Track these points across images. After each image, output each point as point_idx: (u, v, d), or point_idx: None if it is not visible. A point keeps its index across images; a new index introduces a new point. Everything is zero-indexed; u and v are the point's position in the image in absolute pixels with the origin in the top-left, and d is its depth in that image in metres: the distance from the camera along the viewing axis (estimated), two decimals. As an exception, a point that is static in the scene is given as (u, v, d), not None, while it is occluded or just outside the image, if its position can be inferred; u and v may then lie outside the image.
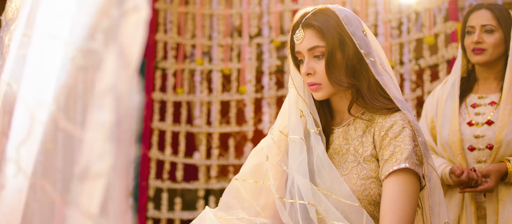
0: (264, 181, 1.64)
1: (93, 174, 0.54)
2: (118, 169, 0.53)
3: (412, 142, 1.42)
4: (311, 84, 1.50)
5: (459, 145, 2.21)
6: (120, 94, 0.54)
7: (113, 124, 0.54)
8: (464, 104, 2.31)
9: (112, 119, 0.54)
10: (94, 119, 0.56)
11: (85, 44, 0.62)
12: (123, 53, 0.56)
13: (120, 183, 0.53)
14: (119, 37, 0.56)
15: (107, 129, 0.55)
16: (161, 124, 4.35)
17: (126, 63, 0.55)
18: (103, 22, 0.59)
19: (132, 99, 0.54)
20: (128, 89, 0.54)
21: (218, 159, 4.25)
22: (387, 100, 1.49)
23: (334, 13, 1.49)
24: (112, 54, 0.56)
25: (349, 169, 1.49)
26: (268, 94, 4.12)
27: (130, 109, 0.54)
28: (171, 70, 4.37)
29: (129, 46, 0.57)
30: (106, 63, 0.56)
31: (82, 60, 0.62)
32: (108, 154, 0.54)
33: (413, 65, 3.57)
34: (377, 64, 1.50)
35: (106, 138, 0.54)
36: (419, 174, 1.42)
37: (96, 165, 0.54)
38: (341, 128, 1.57)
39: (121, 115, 0.54)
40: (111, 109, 0.54)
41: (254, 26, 4.17)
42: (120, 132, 0.54)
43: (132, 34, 0.58)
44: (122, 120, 0.54)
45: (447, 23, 3.35)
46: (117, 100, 0.54)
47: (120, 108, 0.54)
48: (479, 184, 2.11)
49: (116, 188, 0.53)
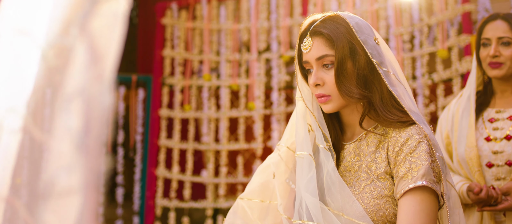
0: (271, 201, 1.56)
1: (60, 191, 0.45)
2: (87, 184, 0.45)
3: (429, 157, 1.32)
4: (319, 95, 1.41)
5: (477, 162, 2.11)
6: (90, 97, 0.46)
7: (81, 131, 0.46)
8: (481, 119, 2.21)
9: (81, 125, 0.46)
10: (61, 126, 0.47)
11: (59, 41, 0.53)
12: (94, 49, 0.47)
13: (89, 201, 0.45)
14: (89, 30, 0.48)
15: (74, 136, 0.46)
16: (168, 142, 4.29)
17: (97, 60, 0.47)
18: (78, 14, 0.51)
19: (104, 103, 0.46)
20: (99, 91, 0.46)
21: (227, 177, 4.17)
22: (402, 113, 1.39)
23: (344, 20, 1.40)
24: (81, 51, 0.47)
25: (361, 188, 1.39)
26: (278, 110, 4.04)
27: (101, 114, 0.46)
28: (179, 86, 4.31)
29: (101, 41, 0.48)
30: (74, 61, 0.48)
31: (55, 59, 0.53)
32: (76, 166, 0.45)
33: (426, 79, 3.47)
34: (391, 74, 1.41)
35: (73, 147, 0.46)
36: (437, 192, 1.32)
37: (63, 179, 0.46)
38: (353, 143, 1.47)
39: (90, 121, 0.45)
40: (79, 114, 0.46)
41: (262, 41, 4.11)
42: (89, 140, 0.46)
43: (106, 27, 0.49)
44: (92, 126, 0.46)
45: (461, 36, 3.26)
46: (86, 104, 0.46)
47: (90, 113, 0.46)
48: (499, 202, 2.01)
49: (85, 207, 0.44)
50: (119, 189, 4.46)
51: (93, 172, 0.46)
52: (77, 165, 0.45)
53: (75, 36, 0.50)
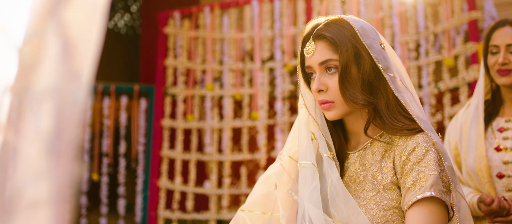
0: (272, 212, 1.51)
1: (27, 203, 0.40)
2: (58, 195, 0.39)
3: (437, 167, 1.26)
4: (322, 102, 1.35)
5: (487, 172, 2.05)
6: (63, 96, 0.40)
7: (52, 134, 0.40)
8: (490, 128, 2.15)
9: (52, 127, 0.40)
10: (30, 128, 0.42)
11: (34, 35, 0.48)
12: (68, 43, 0.42)
13: (59, 214, 0.39)
14: (63, 22, 0.43)
15: (45, 140, 0.41)
16: (170, 152, 4.24)
17: (71, 56, 0.42)
18: (52, 3, 0.46)
19: (78, 103, 0.41)
20: (73, 89, 0.41)
21: (230, 189, 4.11)
22: (408, 120, 1.33)
23: (349, 23, 1.35)
24: (54, 45, 0.42)
25: (367, 199, 1.33)
26: (281, 120, 3.99)
27: (75, 115, 0.41)
28: (181, 96, 4.27)
29: (77, 34, 0.43)
30: (46, 57, 0.43)
31: (30, 55, 0.48)
32: (46, 173, 0.40)
33: (432, 88, 3.41)
34: (397, 80, 1.35)
35: (43, 152, 0.40)
36: (447, 203, 1.25)
37: (31, 189, 0.40)
38: (357, 152, 1.41)
39: (63, 123, 0.40)
40: (50, 114, 0.41)
41: (266, 50, 4.06)
42: (61, 144, 0.40)
43: (83, 19, 0.44)
44: (64, 128, 0.40)
45: (467, 44, 3.21)
46: (58, 104, 0.40)
47: (62, 114, 0.40)
48: (511, 214, 1.94)
49: (55, 221, 0.39)
50: (120, 201, 4.41)
51: (65, 181, 0.40)
52: (47, 172, 0.40)
53: (50, 29, 0.45)
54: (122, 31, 8.36)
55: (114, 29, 8.27)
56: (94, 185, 4.55)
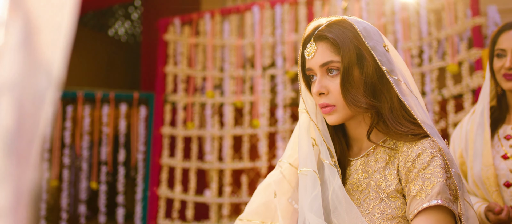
0: (272, 222, 1.47)
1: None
2: (17, 202, 0.34)
3: (444, 173, 1.20)
4: (323, 105, 1.29)
5: (494, 181, 1.99)
6: (24, 90, 0.35)
7: (11, 133, 0.35)
8: (496, 136, 2.09)
9: (11, 125, 0.35)
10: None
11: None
12: (31, 30, 0.37)
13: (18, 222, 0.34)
14: (26, 5, 0.38)
15: (2, 139, 0.36)
16: (170, 160, 4.19)
17: (34, 45, 0.36)
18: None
19: (41, 98, 0.36)
20: (35, 83, 0.35)
21: (230, 197, 4.06)
22: (413, 125, 1.27)
23: (351, 25, 1.29)
24: (14, 32, 0.37)
25: (370, 208, 1.27)
26: (283, 128, 3.94)
27: (37, 112, 0.36)
28: (181, 103, 4.22)
29: (42, 20, 0.38)
30: (5, 46, 0.37)
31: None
32: (4, 177, 0.35)
33: (436, 95, 3.36)
34: (402, 83, 1.29)
35: (1, 153, 0.35)
36: (454, 212, 1.19)
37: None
38: (360, 159, 1.35)
39: (23, 120, 0.35)
40: (9, 111, 0.36)
41: (267, 57, 4.02)
42: (21, 144, 0.35)
43: (50, 4, 0.39)
44: (25, 127, 0.35)
45: (471, 50, 3.15)
46: (18, 99, 0.35)
47: (23, 110, 0.35)
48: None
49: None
50: (119, 209, 4.35)
51: (24, 186, 0.35)
52: (5, 176, 0.35)
53: (10, 12, 0.39)
54: (123, 38, 8.34)
55: (114, 36, 8.26)
56: (93, 193, 4.50)
